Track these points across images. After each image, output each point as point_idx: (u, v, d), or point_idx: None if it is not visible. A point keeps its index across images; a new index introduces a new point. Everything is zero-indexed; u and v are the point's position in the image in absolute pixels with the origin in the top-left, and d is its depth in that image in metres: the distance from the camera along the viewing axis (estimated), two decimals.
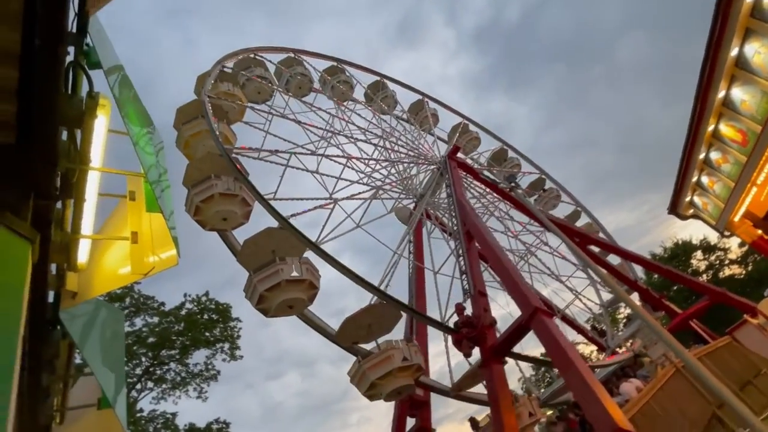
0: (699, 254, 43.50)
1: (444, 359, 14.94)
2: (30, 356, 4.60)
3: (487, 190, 23.42)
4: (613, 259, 23.07)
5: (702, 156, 22.07)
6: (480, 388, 13.69)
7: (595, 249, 22.55)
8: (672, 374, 11.44)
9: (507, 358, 12.23)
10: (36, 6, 2.99)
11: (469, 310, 13.32)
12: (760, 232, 22.19)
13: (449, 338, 16.21)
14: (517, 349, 12.15)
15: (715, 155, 21.62)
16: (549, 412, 20.49)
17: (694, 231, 42.96)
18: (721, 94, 18.95)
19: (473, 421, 13.18)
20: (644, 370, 15.58)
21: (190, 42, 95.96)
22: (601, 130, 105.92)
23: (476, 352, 12.21)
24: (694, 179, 23.44)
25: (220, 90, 16.72)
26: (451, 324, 12.99)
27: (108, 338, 6.17)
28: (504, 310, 17.89)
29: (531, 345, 12.91)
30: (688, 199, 24.71)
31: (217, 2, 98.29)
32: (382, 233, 18.68)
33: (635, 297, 19.83)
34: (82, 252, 4.58)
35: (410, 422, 15.37)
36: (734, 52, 17.41)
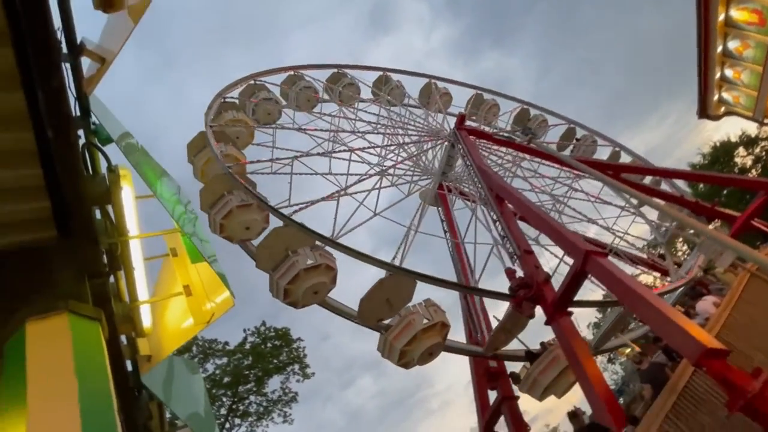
0: (741, 151, 40.98)
1: None
2: (126, 425, 4.85)
3: (509, 150, 22.87)
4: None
5: (719, 49, 20.70)
6: (516, 344, 13.47)
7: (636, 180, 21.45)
8: (748, 280, 10.91)
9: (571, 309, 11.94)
10: (38, 101, 3.11)
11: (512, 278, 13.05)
12: None
13: (478, 299, 16.11)
14: None
15: (733, 44, 20.24)
16: (627, 351, 19.96)
17: (730, 128, 40.39)
18: None
19: (513, 375, 12.92)
20: (718, 284, 14.92)
21: (179, 93, 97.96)
22: (603, 54, 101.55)
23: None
24: (717, 75, 22.05)
25: (226, 119, 17.46)
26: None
27: (190, 389, 6.44)
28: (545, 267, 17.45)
29: (587, 291, 12.51)
30: (715, 97, 23.30)
31: (192, 48, 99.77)
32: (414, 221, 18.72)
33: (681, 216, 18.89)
34: (145, 317, 4.78)
35: (492, 396, 15.31)
36: None
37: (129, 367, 5.21)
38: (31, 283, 3.75)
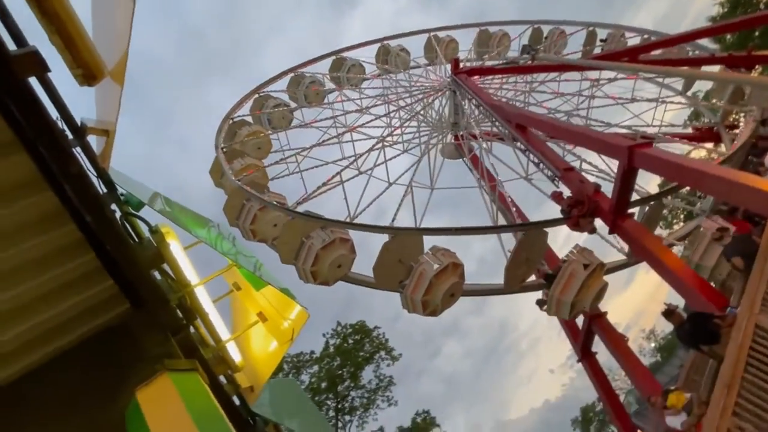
0: None
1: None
2: None
3: (519, 78, 21.88)
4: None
5: None
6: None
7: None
8: None
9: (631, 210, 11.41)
10: (66, 192, 3.21)
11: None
12: None
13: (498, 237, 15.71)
14: None
15: None
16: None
17: None
18: None
19: (538, 301, 12.46)
20: None
21: (181, 143, 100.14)
22: None
23: None
24: None
25: (243, 135, 18.25)
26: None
27: (297, 404, 6.74)
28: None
29: None
30: None
31: (178, 94, 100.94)
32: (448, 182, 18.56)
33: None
34: (234, 353, 4.99)
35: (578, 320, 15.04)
36: None
37: (236, 401, 5.49)
38: (125, 356, 3.99)
